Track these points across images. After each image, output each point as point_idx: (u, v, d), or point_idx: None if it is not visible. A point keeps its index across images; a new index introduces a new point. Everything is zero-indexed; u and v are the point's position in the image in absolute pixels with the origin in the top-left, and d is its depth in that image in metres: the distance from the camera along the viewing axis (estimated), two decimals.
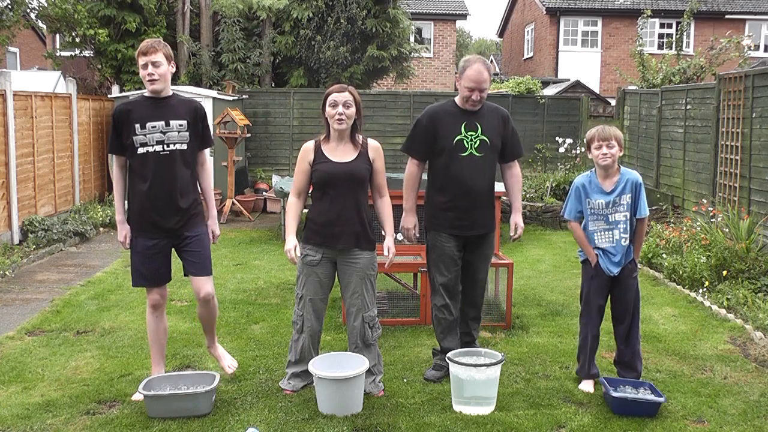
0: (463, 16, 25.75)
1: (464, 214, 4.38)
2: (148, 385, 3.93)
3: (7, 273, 7.18)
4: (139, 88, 12.37)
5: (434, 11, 25.14)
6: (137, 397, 4.04)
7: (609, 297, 4.37)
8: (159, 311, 4.16)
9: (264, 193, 12.15)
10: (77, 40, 13.32)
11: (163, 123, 3.92)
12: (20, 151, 8.77)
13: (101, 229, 9.76)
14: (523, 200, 10.91)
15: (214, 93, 11.79)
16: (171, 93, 4.03)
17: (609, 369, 4.56)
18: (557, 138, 12.80)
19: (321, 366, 4.00)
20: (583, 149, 12.64)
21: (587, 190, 4.27)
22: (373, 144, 4.20)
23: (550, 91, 16.32)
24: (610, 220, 4.22)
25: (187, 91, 11.49)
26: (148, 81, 3.90)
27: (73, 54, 13.70)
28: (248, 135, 11.49)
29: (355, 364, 4.02)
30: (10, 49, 17.42)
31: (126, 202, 4.10)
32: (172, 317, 5.58)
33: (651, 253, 7.58)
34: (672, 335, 5.39)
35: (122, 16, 12.62)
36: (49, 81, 12.83)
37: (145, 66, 3.87)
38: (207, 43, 13.91)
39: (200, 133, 4.08)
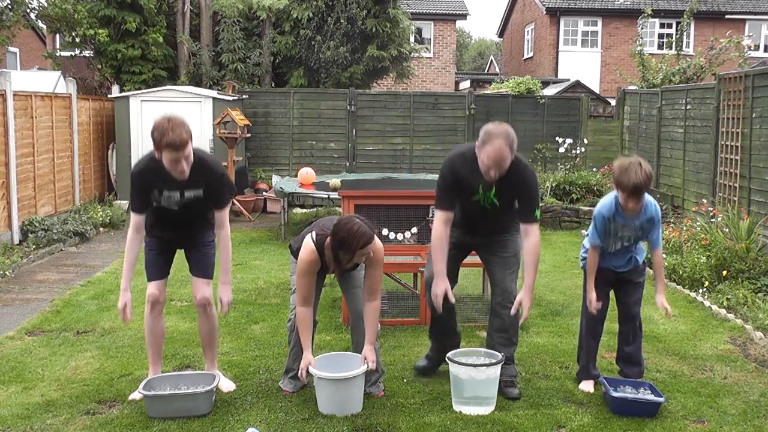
0: (463, 16, 25.75)
1: (471, 239, 4.34)
2: (148, 385, 3.93)
3: (7, 273, 7.18)
4: (139, 88, 12.38)
5: (434, 11, 25.14)
6: (135, 396, 4.04)
7: (615, 297, 4.37)
8: (157, 311, 4.15)
9: (264, 193, 12.15)
10: (77, 40, 13.32)
11: (178, 194, 3.90)
12: (20, 151, 8.77)
13: (101, 229, 9.76)
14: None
15: (214, 93, 11.79)
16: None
17: (609, 369, 4.56)
18: (557, 138, 12.79)
19: (321, 366, 4.00)
20: (582, 149, 12.66)
21: (609, 217, 4.08)
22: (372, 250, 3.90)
23: (550, 91, 16.32)
24: (625, 243, 4.15)
25: (187, 91, 11.51)
26: (177, 172, 3.75)
27: (73, 54, 13.70)
28: (248, 135, 11.49)
29: (355, 364, 4.02)
30: (10, 49, 17.42)
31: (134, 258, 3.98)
32: (172, 317, 5.58)
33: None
34: (672, 335, 5.39)
35: (122, 16, 12.61)
36: (49, 81, 12.82)
37: (177, 161, 3.68)
38: (207, 43, 13.91)
39: (215, 197, 3.98)
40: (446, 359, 4.07)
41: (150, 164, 3.83)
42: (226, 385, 4.25)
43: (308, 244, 3.89)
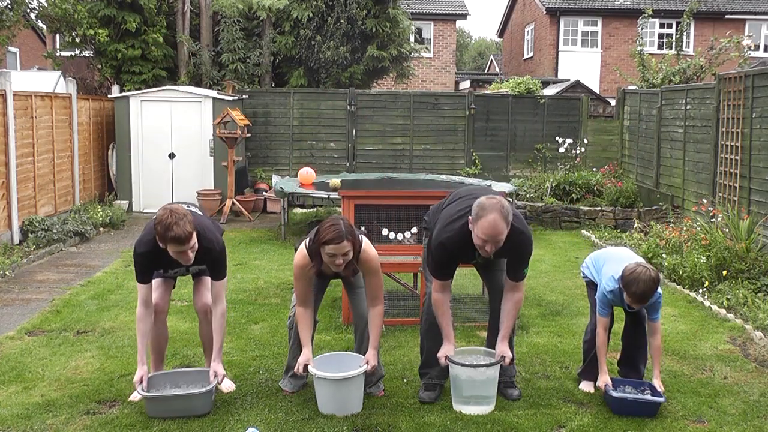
0: (463, 16, 25.74)
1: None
2: (148, 383, 3.92)
3: (7, 273, 7.18)
4: (139, 88, 12.38)
5: (434, 11, 25.13)
6: (134, 397, 4.04)
7: None
8: (161, 320, 4.17)
9: (264, 193, 12.15)
10: (77, 40, 13.31)
11: (184, 269, 4.06)
12: (20, 151, 8.77)
13: (101, 229, 9.76)
14: (523, 200, 10.94)
15: (214, 93, 11.79)
16: None
17: (611, 369, 4.54)
18: (557, 138, 12.79)
19: (321, 366, 4.00)
20: (582, 149, 12.66)
21: (612, 302, 4.16)
22: (362, 258, 3.95)
23: (550, 91, 16.31)
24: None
25: (187, 91, 11.50)
26: (184, 261, 3.79)
27: (73, 54, 13.69)
28: (248, 135, 11.49)
29: (355, 364, 4.01)
30: (10, 49, 17.42)
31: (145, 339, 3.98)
32: (171, 317, 5.57)
33: (651, 253, 7.57)
34: (672, 335, 5.39)
35: (122, 16, 12.61)
36: (49, 81, 12.82)
37: (183, 252, 3.70)
38: (207, 43, 13.90)
39: (215, 271, 4.01)
40: (446, 359, 4.03)
41: (154, 248, 3.81)
42: (227, 385, 4.25)
43: (301, 249, 3.97)
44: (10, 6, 11.53)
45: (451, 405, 4.03)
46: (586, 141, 12.86)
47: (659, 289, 4.07)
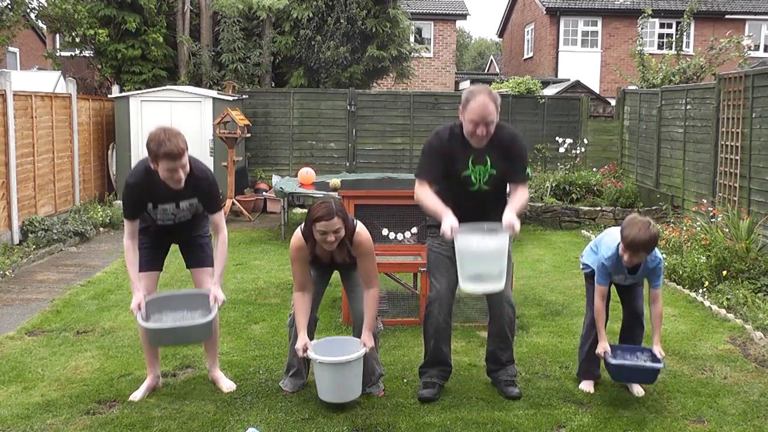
0: (463, 16, 25.75)
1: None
2: (146, 310, 3.87)
3: (7, 273, 7.18)
4: (139, 88, 12.38)
5: (434, 11, 25.14)
6: (135, 396, 4.05)
7: (617, 294, 4.40)
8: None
9: (264, 193, 12.15)
10: (77, 40, 13.32)
11: (174, 205, 3.96)
12: (20, 151, 8.77)
13: (101, 229, 9.76)
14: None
15: (214, 93, 11.79)
16: None
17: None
18: (557, 138, 12.79)
19: (319, 351, 4.00)
20: (582, 149, 12.65)
21: (610, 270, 4.14)
22: (356, 241, 3.95)
23: (550, 91, 16.31)
24: (621, 282, 4.26)
25: (187, 91, 11.50)
26: (174, 182, 3.78)
27: (73, 54, 13.69)
28: (248, 135, 11.48)
29: (353, 348, 4.02)
30: (10, 49, 17.42)
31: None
32: None
33: None
34: (672, 335, 5.38)
35: (122, 16, 12.61)
36: (49, 81, 12.83)
37: (174, 170, 3.71)
38: (207, 43, 13.91)
39: (208, 203, 4.03)
40: (452, 231, 3.69)
41: (145, 177, 3.84)
42: (227, 385, 4.25)
43: (296, 232, 4.03)
44: (10, 6, 11.53)
45: (451, 405, 4.03)
46: (586, 141, 12.86)
47: (660, 254, 4.08)
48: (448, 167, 3.97)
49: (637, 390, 4.25)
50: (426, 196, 3.94)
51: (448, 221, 3.72)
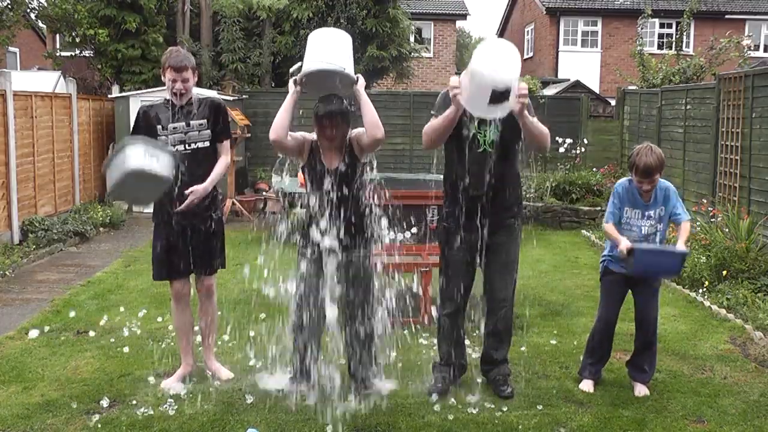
0: (463, 16, 25.75)
1: (476, 223, 4.10)
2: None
3: (7, 273, 7.18)
4: (139, 89, 12.38)
5: (434, 11, 25.13)
6: (168, 384, 4.17)
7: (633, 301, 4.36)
8: (183, 303, 4.28)
9: (264, 193, 12.15)
10: (77, 40, 13.32)
11: (183, 124, 4.11)
12: (20, 151, 8.77)
13: (101, 229, 9.76)
14: (523, 200, 10.93)
15: (214, 93, 11.78)
16: (191, 95, 4.15)
17: (621, 370, 4.53)
18: (557, 138, 12.76)
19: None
20: (582, 149, 12.65)
21: (624, 198, 4.17)
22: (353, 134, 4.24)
23: (550, 91, 16.31)
24: (643, 232, 4.17)
25: None
26: (174, 93, 4.07)
27: (73, 54, 13.70)
28: (248, 135, 11.48)
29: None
30: (10, 49, 17.40)
31: None
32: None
33: None
34: (672, 335, 5.38)
35: (122, 16, 12.61)
36: (49, 81, 12.82)
37: (174, 81, 4.05)
38: (207, 43, 13.91)
39: (219, 128, 4.21)
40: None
41: (155, 104, 4.21)
42: (226, 374, 4.34)
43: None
44: (10, 6, 11.53)
45: (451, 405, 4.02)
46: (586, 141, 12.85)
47: (670, 185, 4.18)
48: (457, 129, 4.15)
49: (638, 390, 4.25)
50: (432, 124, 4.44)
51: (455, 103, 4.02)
